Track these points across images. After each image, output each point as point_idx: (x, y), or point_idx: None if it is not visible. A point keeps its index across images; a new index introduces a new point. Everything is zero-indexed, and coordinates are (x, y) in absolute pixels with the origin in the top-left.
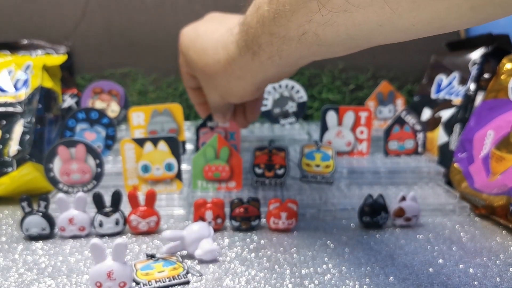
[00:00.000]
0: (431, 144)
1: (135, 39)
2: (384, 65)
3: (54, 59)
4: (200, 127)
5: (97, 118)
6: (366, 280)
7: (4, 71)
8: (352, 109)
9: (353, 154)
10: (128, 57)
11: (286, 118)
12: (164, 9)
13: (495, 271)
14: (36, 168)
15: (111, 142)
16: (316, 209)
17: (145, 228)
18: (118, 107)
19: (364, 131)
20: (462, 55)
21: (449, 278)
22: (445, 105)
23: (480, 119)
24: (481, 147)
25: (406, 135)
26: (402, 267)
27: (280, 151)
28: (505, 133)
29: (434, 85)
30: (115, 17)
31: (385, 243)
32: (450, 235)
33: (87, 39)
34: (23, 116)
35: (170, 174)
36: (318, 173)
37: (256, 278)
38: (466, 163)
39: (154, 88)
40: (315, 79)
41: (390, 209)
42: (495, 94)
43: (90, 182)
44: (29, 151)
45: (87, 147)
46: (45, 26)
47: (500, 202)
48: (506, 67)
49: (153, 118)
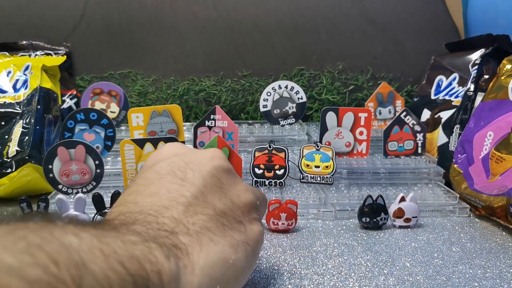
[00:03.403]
0: (430, 145)
1: (135, 40)
2: (383, 66)
3: (53, 59)
4: (198, 126)
5: (96, 119)
6: (365, 281)
7: (3, 72)
8: (352, 110)
9: (353, 155)
10: (128, 58)
11: (286, 119)
12: (164, 9)
13: (495, 272)
14: (35, 169)
15: (110, 143)
16: (316, 210)
17: None
18: (117, 108)
19: (364, 132)
20: (462, 56)
21: (449, 279)
22: (445, 106)
23: (480, 120)
24: (481, 148)
25: (406, 136)
26: (402, 268)
27: (280, 151)
28: (505, 134)
29: (434, 86)
30: (115, 18)
31: (384, 244)
32: (449, 236)
33: (86, 40)
34: (22, 117)
35: None
36: (318, 173)
37: (256, 279)
38: (466, 164)
39: (154, 89)
40: (314, 80)
41: (390, 210)
42: (495, 95)
43: (90, 183)
44: (28, 152)
45: (86, 148)
46: (44, 26)
47: (500, 203)
48: (506, 67)
49: (152, 119)
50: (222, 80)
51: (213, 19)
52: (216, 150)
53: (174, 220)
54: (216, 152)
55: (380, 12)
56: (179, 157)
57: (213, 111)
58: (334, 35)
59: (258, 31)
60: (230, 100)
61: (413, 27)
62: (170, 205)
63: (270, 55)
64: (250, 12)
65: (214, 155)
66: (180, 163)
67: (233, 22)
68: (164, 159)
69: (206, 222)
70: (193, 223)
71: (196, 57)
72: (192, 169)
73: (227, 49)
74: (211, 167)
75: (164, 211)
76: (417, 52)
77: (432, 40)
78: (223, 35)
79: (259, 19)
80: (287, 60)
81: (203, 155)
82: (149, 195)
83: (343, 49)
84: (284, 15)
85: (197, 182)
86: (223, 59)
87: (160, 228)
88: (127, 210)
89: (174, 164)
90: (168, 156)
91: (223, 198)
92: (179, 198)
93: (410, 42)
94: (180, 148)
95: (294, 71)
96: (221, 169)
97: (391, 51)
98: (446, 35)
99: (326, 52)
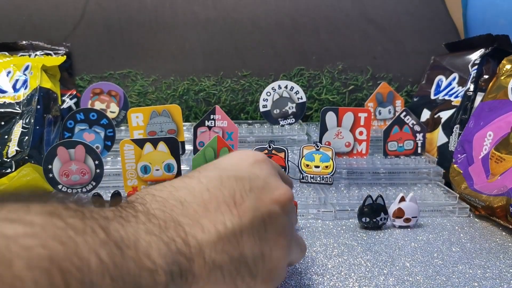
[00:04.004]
0: (430, 145)
1: (135, 40)
2: (383, 66)
3: (53, 59)
4: (197, 126)
5: (96, 119)
6: (365, 281)
7: (3, 72)
8: (352, 110)
9: (353, 155)
10: (128, 58)
11: (286, 119)
12: (164, 9)
13: (494, 272)
14: (35, 169)
15: (109, 143)
16: (316, 210)
17: None
18: (117, 108)
19: (364, 132)
20: (461, 56)
21: (449, 279)
22: (445, 106)
23: (479, 120)
24: (480, 148)
25: (406, 136)
26: (402, 268)
27: (280, 151)
28: (504, 134)
29: (434, 86)
30: (115, 18)
31: (384, 244)
32: (449, 236)
33: (86, 40)
34: (22, 117)
35: (169, 175)
36: (318, 173)
37: None
38: (465, 164)
39: (153, 89)
40: (314, 80)
41: (390, 210)
42: (495, 95)
43: (90, 183)
44: (28, 152)
45: (86, 148)
46: (44, 26)
47: (499, 203)
48: (506, 67)
49: (152, 119)
50: (222, 80)
51: (213, 19)
52: (287, 193)
53: (198, 246)
54: (285, 195)
55: (380, 12)
56: (250, 179)
57: (213, 111)
58: (334, 35)
59: (258, 31)
60: (230, 100)
61: (413, 27)
62: (206, 227)
63: (270, 55)
64: (250, 12)
65: (280, 199)
66: (246, 186)
67: (233, 22)
68: (242, 167)
69: (224, 263)
70: (213, 260)
71: (196, 57)
72: (251, 200)
73: (227, 49)
74: (267, 211)
75: (197, 231)
76: (417, 52)
77: (432, 40)
78: (223, 35)
79: (259, 19)
80: (287, 60)
81: (271, 191)
82: (196, 203)
83: (343, 49)
84: (284, 15)
85: (245, 219)
86: (223, 59)
87: (180, 245)
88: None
89: (240, 183)
90: (249, 166)
91: (255, 248)
92: (219, 224)
93: (410, 42)
94: (265, 168)
95: (294, 71)
96: (275, 217)
97: (391, 51)
98: (446, 35)
99: (326, 52)
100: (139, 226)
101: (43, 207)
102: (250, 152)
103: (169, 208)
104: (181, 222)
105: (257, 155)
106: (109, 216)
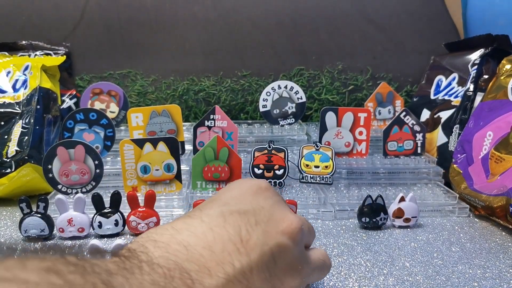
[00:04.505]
0: (430, 145)
1: (135, 40)
2: (383, 66)
3: (53, 59)
4: (197, 126)
5: (95, 119)
6: (365, 281)
7: (3, 72)
8: (351, 110)
9: (352, 155)
10: (127, 58)
11: (285, 119)
12: (164, 9)
13: (494, 272)
14: (35, 169)
15: (109, 143)
16: (316, 210)
17: (144, 229)
18: (117, 108)
19: (363, 131)
20: (461, 56)
21: (448, 279)
22: (444, 106)
23: (479, 120)
24: (480, 148)
25: (405, 135)
26: (401, 268)
27: (279, 151)
28: (504, 134)
29: (433, 85)
30: (115, 18)
31: (384, 244)
32: (449, 236)
33: (86, 40)
34: (21, 117)
35: (169, 174)
36: (317, 173)
37: None
38: (465, 164)
39: (153, 89)
40: (314, 80)
41: (389, 210)
42: (495, 95)
43: (89, 183)
44: (27, 152)
45: (86, 148)
46: (44, 26)
47: (499, 203)
48: (506, 67)
49: (151, 119)
50: (221, 80)
51: (213, 19)
52: (294, 222)
53: None
54: (293, 225)
55: (380, 12)
56: (255, 211)
57: (213, 111)
58: (334, 35)
59: (258, 31)
60: (230, 100)
61: (412, 27)
62: (213, 271)
63: (269, 55)
64: (250, 12)
65: (289, 230)
66: (251, 220)
67: (233, 22)
68: (245, 200)
69: None
70: None
71: (195, 57)
72: (258, 235)
73: (227, 49)
74: (276, 244)
75: (204, 276)
76: (417, 52)
77: (432, 40)
78: (223, 35)
79: (259, 19)
80: (287, 60)
81: (278, 223)
82: (201, 246)
83: (343, 49)
84: (284, 15)
85: (253, 256)
86: (222, 59)
87: None
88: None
89: (245, 218)
90: (252, 197)
91: (266, 284)
92: (226, 265)
93: (410, 42)
94: (269, 197)
95: (293, 71)
96: (285, 250)
97: (391, 51)
98: (446, 35)
99: (325, 52)
100: (144, 278)
101: (40, 262)
102: (251, 181)
103: (172, 254)
104: (187, 269)
105: (259, 183)
106: (111, 269)
